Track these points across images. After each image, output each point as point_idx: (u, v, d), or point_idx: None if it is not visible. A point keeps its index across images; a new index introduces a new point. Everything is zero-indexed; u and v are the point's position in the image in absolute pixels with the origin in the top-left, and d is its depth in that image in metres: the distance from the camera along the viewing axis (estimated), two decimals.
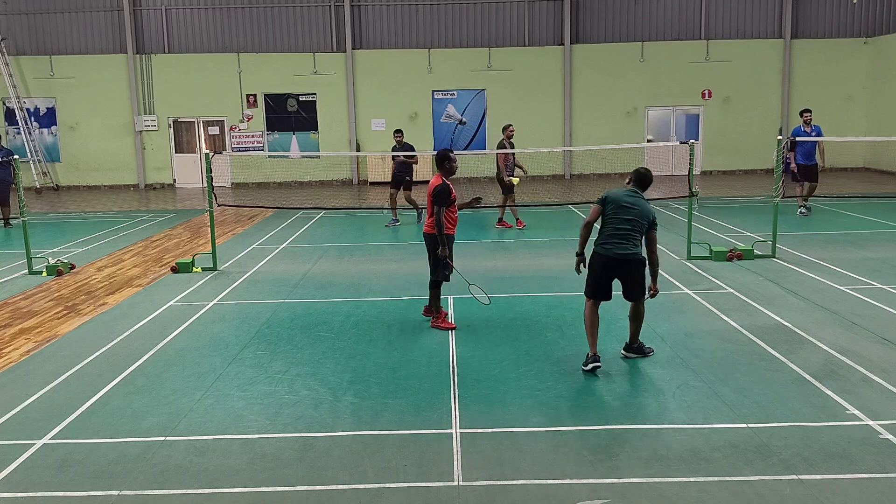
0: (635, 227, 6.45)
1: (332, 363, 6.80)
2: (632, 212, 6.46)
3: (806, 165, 14.73)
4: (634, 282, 6.57)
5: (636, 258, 6.49)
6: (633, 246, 6.46)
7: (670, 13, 24.15)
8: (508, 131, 13.97)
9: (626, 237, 6.44)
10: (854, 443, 4.94)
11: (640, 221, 6.46)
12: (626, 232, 6.44)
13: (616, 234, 6.46)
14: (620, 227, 6.46)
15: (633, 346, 6.78)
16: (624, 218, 6.46)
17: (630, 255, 6.45)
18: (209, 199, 11.26)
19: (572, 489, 4.46)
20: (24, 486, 4.65)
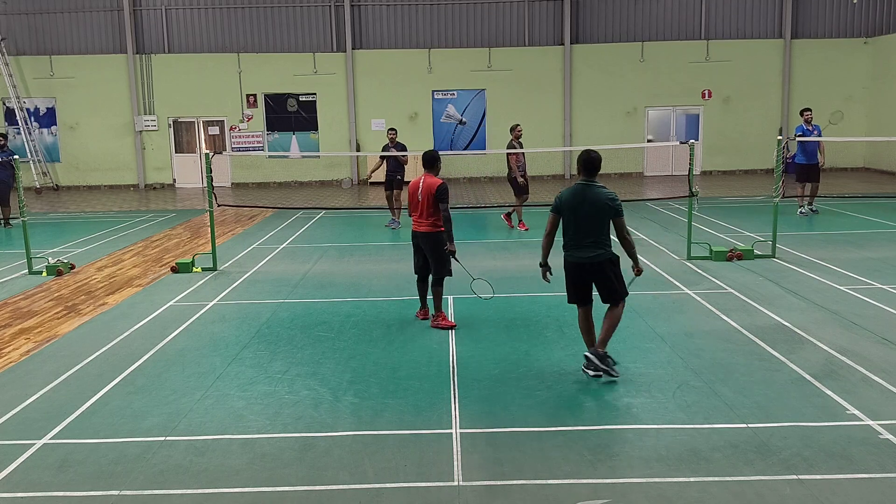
0: (594, 224, 6.03)
1: (332, 363, 6.80)
2: (585, 209, 6.02)
3: (808, 165, 14.72)
4: (607, 284, 6.16)
5: (603, 259, 6.08)
6: (596, 247, 6.05)
7: (670, 13, 24.15)
8: (517, 131, 13.76)
9: (588, 239, 6.05)
10: (854, 443, 4.94)
11: (598, 217, 6.02)
12: (586, 233, 6.05)
13: (577, 238, 6.11)
14: (579, 229, 6.07)
15: (599, 351, 6.15)
16: (580, 218, 6.04)
17: (595, 257, 6.06)
18: (209, 199, 11.26)
19: (572, 489, 4.46)
20: (24, 486, 4.65)
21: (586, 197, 6.03)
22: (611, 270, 6.13)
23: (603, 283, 6.18)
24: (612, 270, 6.14)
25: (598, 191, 6.04)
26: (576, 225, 6.09)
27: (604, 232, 6.07)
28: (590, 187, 6.07)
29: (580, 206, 6.04)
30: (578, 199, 6.06)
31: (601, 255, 6.08)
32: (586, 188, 6.07)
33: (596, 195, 6.02)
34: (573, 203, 6.07)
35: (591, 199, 6.01)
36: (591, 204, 6.01)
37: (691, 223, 11.09)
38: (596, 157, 6.10)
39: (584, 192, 6.06)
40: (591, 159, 6.09)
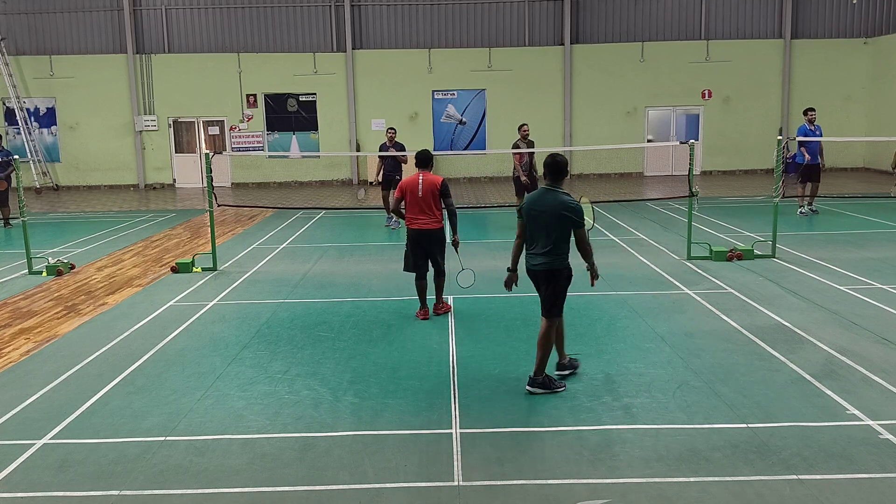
0: (550, 231, 5.78)
1: (332, 363, 6.80)
2: (542, 218, 5.81)
3: (810, 165, 14.75)
4: (548, 295, 5.92)
5: (552, 268, 5.84)
6: (549, 254, 5.82)
7: (670, 13, 24.15)
8: (522, 131, 13.74)
9: (543, 245, 5.84)
10: (854, 443, 4.94)
11: (554, 224, 5.76)
12: (542, 239, 5.84)
13: (532, 246, 5.94)
14: (536, 235, 5.88)
15: (538, 380, 5.93)
16: (538, 223, 5.85)
17: (545, 264, 5.84)
18: (209, 199, 11.26)
19: (572, 489, 4.46)
20: (24, 486, 4.65)
21: (546, 203, 5.82)
22: (555, 282, 5.89)
23: (543, 293, 5.96)
24: (558, 283, 5.90)
25: (559, 198, 5.80)
26: (533, 230, 5.91)
27: (560, 240, 5.82)
28: (552, 193, 5.86)
29: (539, 212, 5.84)
30: (539, 204, 5.87)
31: (551, 263, 5.84)
32: (548, 194, 5.87)
33: (554, 202, 5.79)
34: (534, 208, 5.89)
35: (550, 205, 5.79)
36: (549, 210, 5.78)
37: (691, 223, 11.09)
38: (561, 161, 5.90)
39: (544, 197, 5.86)
40: (556, 163, 5.87)
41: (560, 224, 5.78)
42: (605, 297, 8.88)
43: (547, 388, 5.97)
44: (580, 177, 24.61)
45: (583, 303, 8.66)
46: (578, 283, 9.56)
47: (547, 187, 5.94)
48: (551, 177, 5.93)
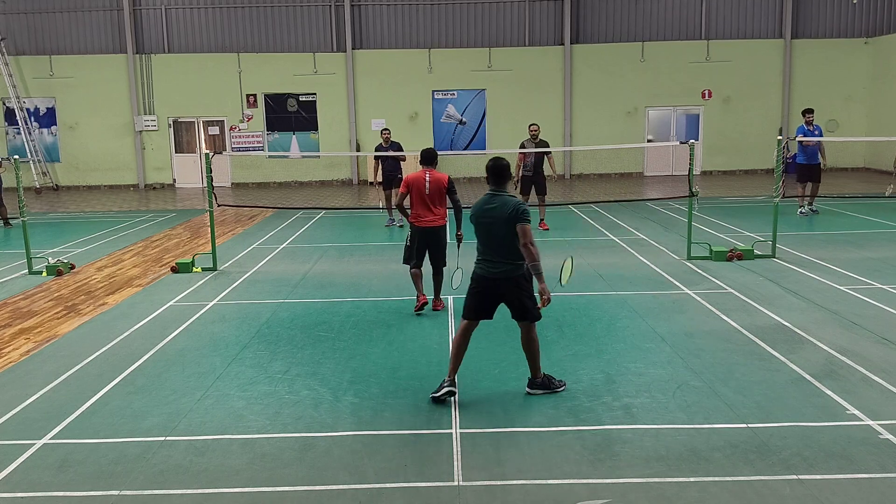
0: (502, 236, 5.62)
1: (332, 363, 6.79)
2: (488, 223, 5.67)
3: (810, 165, 14.75)
4: (514, 302, 5.77)
5: (514, 275, 5.69)
6: (507, 261, 5.67)
7: (670, 13, 24.15)
8: (531, 130, 13.60)
9: (498, 251, 5.69)
10: (854, 443, 4.94)
11: (505, 228, 5.60)
12: (495, 245, 5.69)
13: (482, 252, 5.80)
14: (488, 241, 5.72)
15: (537, 381, 5.91)
16: (483, 232, 5.72)
17: (506, 272, 5.69)
18: (209, 199, 11.26)
19: (572, 489, 4.46)
20: (24, 486, 4.65)
21: (493, 207, 5.68)
22: (521, 287, 5.75)
23: (512, 301, 5.78)
24: (522, 287, 5.76)
25: (506, 200, 5.67)
26: (484, 237, 5.74)
27: (507, 248, 5.66)
28: (497, 196, 5.73)
29: (486, 217, 5.70)
30: (485, 209, 5.71)
31: (512, 270, 5.69)
32: (494, 198, 5.74)
33: (499, 205, 5.65)
34: (480, 213, 5.73)
35: (499, 209, 5.64)
36: (500, 215, 5.62)
37: (691, 223, 11.09)
38: (502, 165, 5.78)
39: (489, 200, 5.74)
40: (497, 167, 5.76)
41: (509, 225, 5.61)
42: (605, 297, 8.88)
43: (547, 387, 5.94)
44: (580, 177, 24.63)
45: (583, 303, 8.66)
46: (579, 283, 9.61)
47: (491, 192, 5.78)
48: (494, 180, 5.79)
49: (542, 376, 5.97)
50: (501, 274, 5.72)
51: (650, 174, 24.73)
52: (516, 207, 5.61)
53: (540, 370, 5.95)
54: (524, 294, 5.77)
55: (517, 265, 5.68)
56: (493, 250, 5.73)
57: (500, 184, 5.79)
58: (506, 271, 5.71)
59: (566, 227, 14.36)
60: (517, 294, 5.76)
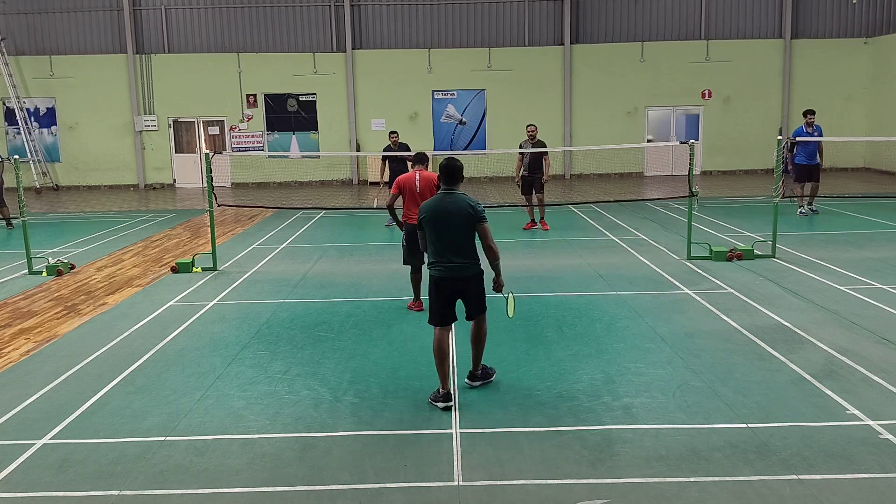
0: (459, 234, 5.69)
1: (332, 363, 6.80)
2: (444, 223, 5.69)
3: (809, 165, 14.76)
4: (471, 299, 5.88)
5: (472, 273, 5.79)
6: (464, 259, 5.74)
7: (670, 13, 24.15)
8: (528, 131, 13.49)
9: (455, 251, 5.72)
10: (854, 443, 4.94)
11: (462, 227, 5.68)
12: (452, 245, 5.72)
13: (443, 251, 5.76)
14: (444, 242, 5.72)
15: (477, 374, 6.09)
16: (440, 232, 5.72)
17: (464, 270, 5.76)
18: (209, 199, 11.26)
19: (572, 489, 4.46)
20: (24, 486, 4.65)
21: (448, 206, 5.69)
22: (478, 284, 5.87)
23: (470, 298, 5.88)
24: (479, 284, 5.88)
25: (458, 198, 5.72)
26: (439, 237, 5.73)
27: (470, 242, 5.75)
28: (451, 194, 5.75)
29: (442, 217, 5.69)
30: (440, 209, 5.71)
31: (469, 267, 5.78)
32: (447, 197, 5.75)
33: (455, 204, 5.69)
34: (435, 214, 5.72)
35: (452, 208, 5.67)
36: (453, 213, 5.66)
37: (691, 223, 11.09)
38: (455, 166, 5.79)
39: (444, 202, 5.73)
40: (450, 167, 5.77)
41: (467, 224, 5.68)
42: (605, 297, 8.88)
43: (487, 377, 6.16)
44: (580, 177, 24.63)
45: (583, 303, 8.67)
46: (579, 283, 9.61)
47: (444, 191, 5.79)
48: (446, 180, 5.80)
49: (482, 367, 6.16)
50: (462, 273, 5.79)
51: (650, 174, 24.73)
52: (474, 206, 5.69)
53: (480, 362, 6.14)
54: (481, 289, 5.93)
55: (475, 262, 5.82)
56: (451, 250, 5.75)
57: (453, 183, 5.82)
58: (466, 269, 5.80)
59: (566, 227, 14.36)
60: (473, 290, 5.88)
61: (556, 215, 15.65)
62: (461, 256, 5.75)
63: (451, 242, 5.73)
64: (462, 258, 5.76)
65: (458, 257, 5.75)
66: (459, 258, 5.75)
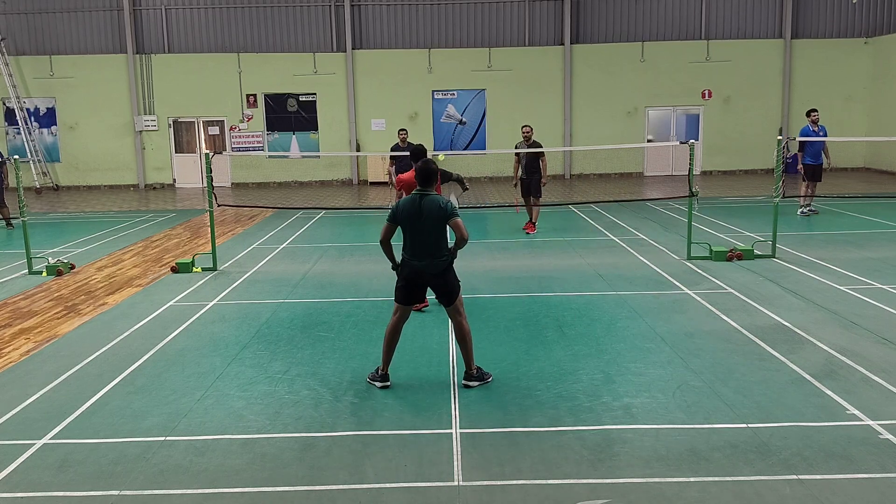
0: (433, 232, 6.06)
1: (332, 363, 6.80)
2: (422, 220, 6.03)
3: (814, 165, 14.76)
4: (444, 288, 6.18)
5: (441, 266, 6.11)
6: (436, 255, 6.08)
7: (670, 13, 24.16)
8: (523, 132, 13.37)
9: (428, 248, 6.07)
10: (854, 443, 4.94)
11: (436, 226, 6.05)
12: (426, 242, 6.07)
13: (417, 247, 6.10)
14: (418, 239, 6.08)
15: (473, 374, 6.17)
16: (418, 228, 6.06)
17: (436, 265, 6.09)
18: (209, 199, 11.26)
19: (572, 489, 4.46)
20: (24, 486, 4.65)
21: (423, 207, 6.05)
22: (448, 275, 6.18)
23: (443, 289, 6.19)
24: (450, 274, 6.19)
25: (433, 200, 6.08)
26: (414, 235, 6.09)
27: (443, 239, 6.13)
28: (426, 197, 6.10)
29: (418, 216, 6.05)
30: (415, 209, 6.06)
31: (441, 262, 6.11)
32: (422, 198, 6.09)
33: (431, 203, 6.06)
34: (410, 214, 6.07)
35: (427, 208, 6.04)
36: (427, 213, 6.03)
37: (691, 223, 11.09)
38: (432, 169, 6.14)
39: (420, 201, 6.07)
40: (426, 170, 6.13)
41: (440, 223, 6.06)
42: (605, 297, 8.88)
43: (481, 379, 6.17)
44: (580, 177, 24.63)
45: (583, 303, 8.67)
46: (579, 283, 9.61)
47: (419, 192, 6.13)
48: (422, 182, 6.13)
49: (477, 369, 6.21)
50: (432, 268, 6.10)
51: (650, 174, 24.74)
52: (446, 205, 6.07)
53: (472, 362, 6.17)
54: (450, 279, 6.18)
55: (445, 257, 6.13)
56: (422, 245, 6.08)
57: (428, 185, 6.15)
58: (438, 264, 6.09)
59: (566, 227, 14.36)
60: (443, 282, 6.15)
61: (556, 215, 15.66)
62: (436, 253, 6.10)
63: (426, 241, 6.08)
64: (436, 255, 6.10)
65: (433, 255, 6.09)
66: (434, 255, 6.09)
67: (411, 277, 6.18)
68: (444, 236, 6.16)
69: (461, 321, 6.20)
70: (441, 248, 6.12)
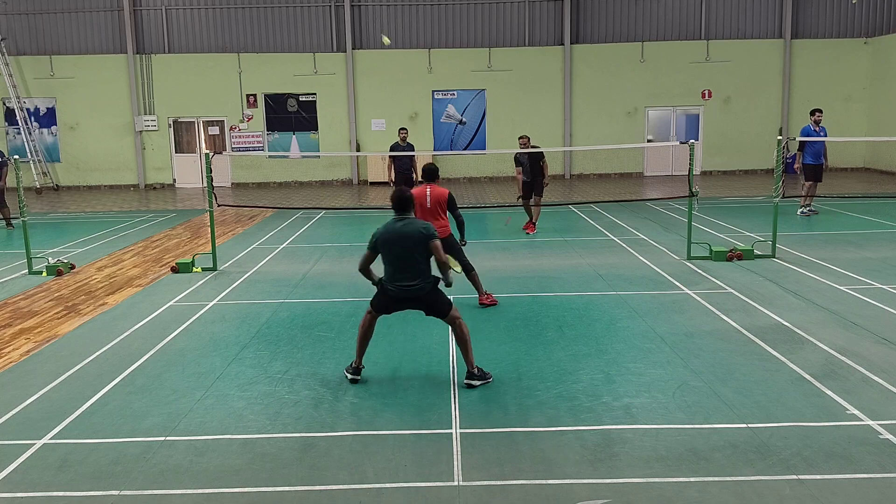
0: (414, 257, 6.06)
1: (332, 363, 6.80)
2: (401, 245, 6.05)
3: (814, 165, 14.76)
4: (432, 307, 6.23)
5: (424, 290, 6.13)
6: (418, 280, 6.09)
7: (670, 13, 24.15)
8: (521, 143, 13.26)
9: (409, 273, 6.08)
10: (854, 443, 4.94)
11: (415, 250, 6.04)
12: (406, 268, 6.08)
13: (398, 273, 6.12)
14: (398, 265, 6.10)
15: (474, 373, 6.15)
16: (396, 254, 6.08)
17: (419, 290, 6.11)
18: (209, 199, 11.26)
19: (572, 489, 4.46)
20: (24, 486, 4.65)
21: (401, 233, 6.08)
22: (430, 295, 6.19)
23: (430, 307, 6.25)
24: (434, 294, 6.21)
25: (411, 225, 6.11)
26: (394, 261, 6.12)
27: (424, 263, 6.13)
28: (404, 220, 6.14)
29: (397, 242, 6.07)
30: (394, 235, 6.10)
31: (424, 287, 6.13)
32: (400, 221, 6.14)
33: (409, 229, 6.09)
34: (389, 240, 6.10)
35: (406, 234, 6.06)
36: (406, 237, 6.05)
37: (691, 223, 11.09)
38: (405, 197, 6.18)
39: (398, 228, 6.11)
40: (401, 198, 6.17)
41: (421, 247, 6.05)
42: (605, 297, 8.88)
43: (483, 378, 6.16)
44: (580, 177, 24.63)
45: (583, 303, 8.67)
46: (579, 283, 9.61)
47: (397, 218, 6.17)
48: (399, 208, 6.18)
49: (478, 368, 6.20)
50: (418, 294, 6.14)
51: (650, 174, 24.74)
52: (425, 228, 6.11)
53: (472, 361, 6.16)
54: (438, 296, 6.23)
55: (426, 281, 6.14)
56: (402, 271, 6.09)
57: (405, 211, 6.20)
58: (417, 289, 6.11)
59: (566, 227, 14.36)
60: (432, 300, 6.20)
61: (556, 215, 15.66)
62: (417, 278, 6.10)
63: (406, 265, 6.08)
64: (418, 280, 6.10)
65: (413, 279, 6.10)
66: (415, 280, 6.10)
67: (392, 296, 6.21)
68: (426, 260, 6.14)
69: (459, 324, 6.22)
70: (424, 272, 6.12)
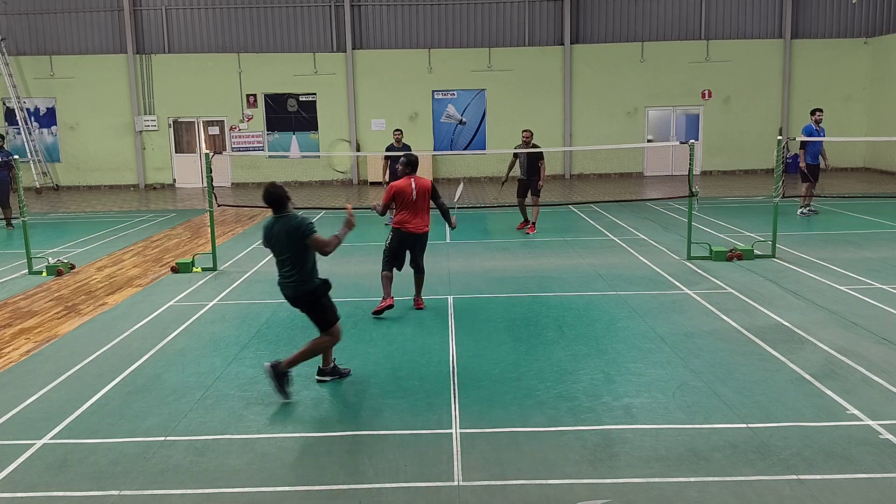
0: (293, 255, 5.89)
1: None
2: (280, 243, 5.90)
3: (813, 165, 14.76)
4: (315, 316, 6.10)
5: (305, 291, 5.97)
6: (298, 281, 5.95)
7: (670, 13, 24.16)
8: (523, 137, 13.33)
9: (289, 272, 5.96)
10: (854, 443, 4.94)
11: (293, 247, 5.87)
12: (286, 266, 5.96)
13: (281, 272, 6.03)
14: (280, 263, 5.99)
15: (280, 372, 5.91)
16: (278, 252, 5.97)
17: (298, 291, 5.97)
18: (209, 199, 11.26)
19: (572, 489, 4.46)
20: (24, 486, 4.65)
21: (278, 230, 5.91)
22: (315, 302, 6.03)
23: (311, 316, 6.12)
24: (317, 302, 6.04)
25: (286, 223, 5.91)
26: (277, 257, 6.01)
27: (300, 261, 5.93)
28: (280, 219, 5.94)
29: (275, 241, 5.93)
30: (272, 233, 5.94)
31: (303, 287, 5.97)
32: (276, 222, 5.96)
33: (283, 227, 5.89)
34: (269, 238, 5.97)
35: (282, 231, 5.88)
36: (282, 237, 5.88)
37: (691, 223, 11.09)
38: (277, 193, 5.93)
39: (274, 227, 5.94)
40: (269, 194, 5.93)
41: (295, 245, 5.87)
42: (605, 297, 8.88)
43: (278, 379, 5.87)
44: (580, 177, 24.63)
45: (583, 303, 8.67)
46: (579, 283, 9.61)
47: (274, 216, 5.99)
48: (271, 207, 5.96)
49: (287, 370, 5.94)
50: (293, 292, 6.01)
51: (650, 174, 24.74)
52: (299, 224, 5.88)
53: (292, 366, 5.95)
54: (319, 308, 6.05)
55: (309, 282, 5.98)
56: (284, 270, 6.00)
57: (280, 209, 5.97)
58: (298, 288, 5.97)
59: (566, 227, 14.35)
60: (313, 309, 6.07)
61: (556, 215, 15.66)
62: (296, 275, 5.95)
63: (288, 261, 5.95)
64: (295, 276, 5.95)
65: (292, 275, 5.96)
66: (293, 276, 5.96)
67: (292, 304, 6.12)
68: (306, 258, 5.94)
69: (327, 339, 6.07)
70: (304, 270, 5.92)
